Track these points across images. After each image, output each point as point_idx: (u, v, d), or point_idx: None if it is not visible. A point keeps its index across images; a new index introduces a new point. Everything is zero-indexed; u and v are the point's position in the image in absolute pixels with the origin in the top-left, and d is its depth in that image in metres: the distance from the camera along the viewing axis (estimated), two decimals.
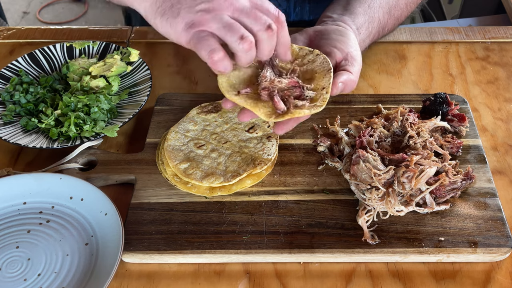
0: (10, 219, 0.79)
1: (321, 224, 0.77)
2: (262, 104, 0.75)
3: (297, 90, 0.76)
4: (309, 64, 0.80)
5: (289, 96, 0.76)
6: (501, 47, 1.12)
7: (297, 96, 0.76)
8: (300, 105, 0.75)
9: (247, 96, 0.76)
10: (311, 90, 0.77)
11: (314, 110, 0.74)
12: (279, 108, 0.74)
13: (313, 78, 0.79)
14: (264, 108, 0.75)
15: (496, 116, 0.97)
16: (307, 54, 0.81)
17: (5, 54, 1.12)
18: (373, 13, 0.95)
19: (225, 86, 0.77)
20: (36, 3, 3.45)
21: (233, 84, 0.78)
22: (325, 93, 0.76)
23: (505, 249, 0.74)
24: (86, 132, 0.88)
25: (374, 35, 0.98)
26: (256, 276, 0.74)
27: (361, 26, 0.93)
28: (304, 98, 0.77)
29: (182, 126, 0.88)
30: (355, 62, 0.83)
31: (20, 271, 0.73)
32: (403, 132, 0.84)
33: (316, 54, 0.80)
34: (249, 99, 0.76)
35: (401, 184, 0.76)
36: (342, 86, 0.79)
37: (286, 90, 0.76)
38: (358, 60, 0.84)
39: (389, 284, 0.73)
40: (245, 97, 0.76)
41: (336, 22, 0.91)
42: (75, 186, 0.81)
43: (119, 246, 0.72)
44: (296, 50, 0.82)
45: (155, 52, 1.12)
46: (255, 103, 0.75)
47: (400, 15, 1.03)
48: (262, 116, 0.74)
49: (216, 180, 0.79)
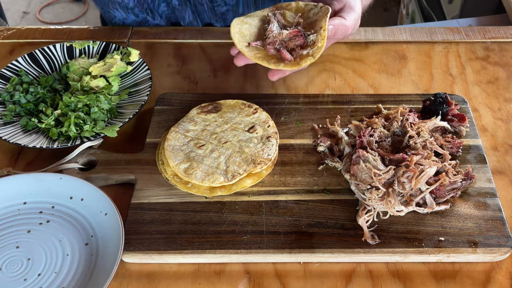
0: (10, 219, 0.79)
1: (321, 224, 0.77)
2: (269, 56, 0.85)
3: (299, 39, 0.85)
4: (313, 16, 0.90)
5: (296, 46, 0.85)
6: (501, 47, 1.12)
7: (300, 44, 0.86)
8: (304, 53, 0.84)
9: (257, 49, 0.87)
10: (313, 34, 0.86)
11: (317, 53, 0.83)
12: (286, 58, 0.84)
13: (315, 25, 0.88)
14: (271, 60, 0.85)
15: (496, 116, 0.97)
16: (312, 8, 0.91)
17: (5, 54, 1.12)
18: None
19: (237, 37, 0.87)
20: (36, 3, 3.45)
21: (244, 36, 0.88)
22: (323, 31, 0.84)
23: (505, 249, 0.74)
24: (86, 132, 0.88)
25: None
26: (256, 276, 0.74)
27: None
28: (308, 44, 0.86)
29: (182, 126, 0.88)
30: (352, 11, 0.90)
31: (20, 271, 0.73)
32: (403, 132, 0.84)
33: (320, 7, 0.90)
34: (258, 52, 0.86)
35: (401, 184, 0.76)
36: (333, 29, 0.87)
37: (289, 40, 0.85)
38: (355, 9, 0.91)
39: (389, 284, 0.73)
40: (254, 49, 0.87)
41: None
42: (75, 186, 0.81)
43: (119, 246, 0.72)
44: (302, 6, 0.92)
45: (155, 52, 1.12)
46: (263, 56, 0.85)
47: None
48: (270, 66, 0.84)
49: (216, 180, 0.79)
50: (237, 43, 0.86)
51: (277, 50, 0.85)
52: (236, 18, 0.92)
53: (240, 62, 0.88)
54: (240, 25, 0.91)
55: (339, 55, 1.10)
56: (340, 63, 1.08)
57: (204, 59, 1.10)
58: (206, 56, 1.11)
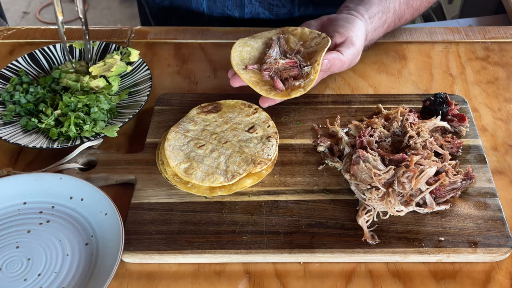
0: (10, 219, 0.79)
1: (321, 224, 0.77)
2: (263, 82, 0.87)
3: (294, 70, 0.86)
4: (315, 46, 0.91)
5: (290, 77, 0.86)
6: (501, 47, 1.12)
7: (294, 75, 0.86)
8: (297, 84, 0.85)
9: (253, 72, 0.88)
10: (308, 66, 0.87)
11: (308, 87, 0.84)
12: (278, 88, 0.85)
13: (314, 55, 0.89)
14: (264, 86, 0.86)
15: (496, 116, 0.97)
16: (316, 37, 0.92)
17: (5, 54, 1.12)
18: (388, 4, 1.00)
19: (236, 60, 0.89)
20: (36, 3, 3.44)
21: (243, 59, 0.90)
22: (317, 65, 0.85)
23: (505, 249, 0.74)
24: (86, 132, 0.88)
25: (390, 25, 1.03)
26: (256, 276, 0.74)
27: (374, 15, 0.98)
28: (302, 76, 0.86)
29: (182, 126, 0.88)
30: (351, 46, 0.91)
31: (20, 271, 0.73)
32: (403, 132, 0.84)
33: (323, 37, 0.91)
34: (254, 76, 0.87)
35: (401, 184, 0.76)
36: (328, 63, 0.88)
37: (284, 70, 0.86)
38: (355, 45, 0.92)
39: (389, 284, 0.73)
40: (251, 72, 0.88)
41: (349, 11, 0.97)
42: (75, 186, 0.81)
43: (119, 246, 0.72)
44: (307, 32, 0.93)
45: (155, 52, 1.12)
46: (257, 81, 0.86)
47: (419, 6, 1.07)
48: (262, 93, 0.85)
49: (216, 180, 0.79)
50: (234, 65, 0.88)
51: (271, 78, 0.86)
52: (240, 39, 0.93)
53: (235, 83, 0.90)
54: (242, 47, 0.92)
55: None
56: None
57: (204, 59, 1.10)
58: (206, 56, 1.11)
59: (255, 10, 1.23)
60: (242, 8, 1.22)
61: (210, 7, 1.24)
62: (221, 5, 1.23)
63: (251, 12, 1.23)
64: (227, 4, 1.22)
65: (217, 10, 1.24)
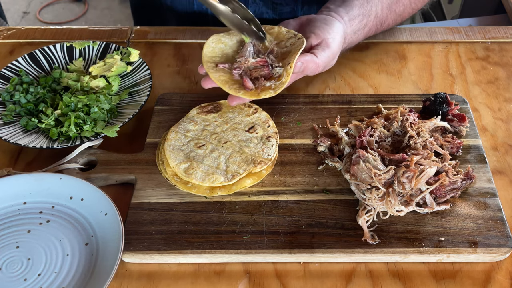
0: (10, 219, 0.79)
1: (321, 224, 0.77)
2: (233, 81, 0.83)
3: (265, 69, 0.83)
4: (289, 46, 0.87)
5: (261, 76, 0.83)
6: (501, 47, 1.12)
7: (265, 74, 0.83)
8: (268, 85, 0.82)
9: (223, 71, 0.85)
10: (280, 67, 0.84)
11: (279, 89, 0.81)
12: (247, 87, 0.82)
13: (287, 56, 0.86)
14: (233, 85, 0.82)
15: (496, 116, 0.97)
16: (291, 37, 0.88)
17: (5, 54, 1.12)
18: (370, 7, 0.98)
19: (207, 57, 0.86)
20: (36, 3, 3.44)
21: (215, 56, 0.87)
22: (289, 68, 0.82)
23: (505, 249, 0.74)
24: (86, 132, 0.88)
25: (371, 28, 1.01)
26: (256, 276, 0.74)
27: (355, 18, 0.96)
28: (273, 76, 0.83)
29: (182, 126, 0.88)
30: (327, 48, 0.88)
31: (20, 271, 0.73)
32: (403, 132, 0.84)
33: (298, 38, 0.87)
34: (223, 75, 0.84)
35: (401, 184, 0.76)
36: (301, 66, 0.84)
37: (254, 69, 0.84)
38: (331, 47, 0.88)
39: (389, 284, 0.73)
40: (221, 71, 0.84)
41: (329, 13, 0.95)
42: (75, 186, 0.81)
43: (119, 246, 0.72)
44: (283, 32, 0.90)
45: (155, 52, 1.12)
46: (227, 80, 0.83)
47: (402, 11, 1.05)
48: (229, 91, 0.82)
49: (216, 180, 0.79)
50: (204, 63, 0.85)
51: (241, 77, 0.83)
52: (215, 35, 0.90)
53: (207, 84, 0.86)
54: (216, 43, 0.89)
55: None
56: (340, 63, 1.08)
57: None
58: None
59: (259, 10, 1.23)
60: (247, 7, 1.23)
61: None
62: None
63: (255, 12, 1.23)
64: None
65: None
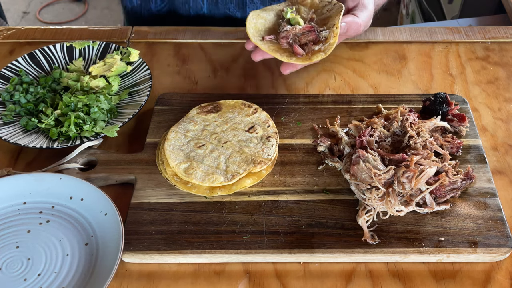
0: (10, 219, 0.79)
1: (321, 224, 0.77)
2: (282, 50, 0.87)
3: (312, 34, 0.87)
4: (327, 13, 0.92)
5: (309, 42, 0.87)
6: (501, 47, 1.12)
7: (313, 39, 0.87)
8: (316, 49, 0.86)
9: (271, 42, 0.89)
10: (326, 30, 0.88)
11: (329, 50, 0.85)
12: (298, 53, 0.86)
13: (328, 21, 0.90)
14: (284, 53, 0.87)
15: (496, 116, 0.97)
16: (326, 5, 0.93)
17: (5, 54, 1.12)
18: None
19: (252, 32, 0.90)
20: (36, 3, 3.44)
21: (259, 30, 0.91)
22: (335, 29, 0.86)
23: (505, 249, 0.74)
24: (86, 132, 0.88)
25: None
26: (256, 276, 0.74)
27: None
28: (320, 40, 0.88)
29: (182, 126, 0.88)
30: (364, 9, 0.93)
31: (20, 271, 0.73)
32: (403, 132, 0.84)
33: (334, 3, 0.92)
34: (272, 45, 0.88)
35: (401, 184, 0.76)
36: (345, 26, 0.89)
37: (302, 35, 0.87)
38: (367, 8, 0.93)
39: (389, 284, 0.73)
40: (268, 42, 0.89)
41: None
42: (75, 186, 0.81)
43: (119, 246, 0.72)
44: (317, 2, 0.94)
45: (155, 52, 1.12)
46: (276, 49, 0.87)
47: None
48: (283, 59, 0.86)
49: (216, 180, 0.79)
50: (251, 37, 0.89)
51: (289, 45, 0.87)
52: (253, 11, 0.94)
53: (257, 57, 0.91)
54: (256, 19, 0.93)
55: (339, 55, 1.10)
56: (340, 63, 1.08)
57: (204, 59, 1.10)
58: (206, 56, 1.11)
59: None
60: (244, 9, 1.22)
61: (211, 10, 1.24)
62: (223, 7, 1.23)
63: None
64: (228, 6, 1.22)
65: (219, 12, 1.24)
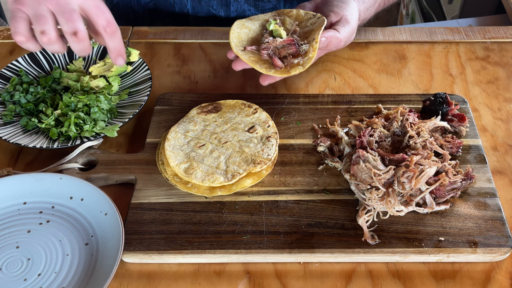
0: (10, 219, 0.79)
1: (321, 224, 0.77)
2: (263, 61, 0.88)
3: (292, 47, 0.88)
4: (310, 26, 0.92)
5: (289, 55, 0.88)
6: (501, 47, 1.12)
7: (293, 52, 0.88)
8: (295, 62, 0.87)
9: (252, 53, 0.89)
10: (306, 44, 0.88)
11: (307, 64, 0.86)
12: (277, 65, 0.86)
13: (310, 35, 0.91)
14: (263, 65, 0.87)
15: (496, 116, 0.97)
16: (311, 18, 0.93)
17: (5, 54, 1.12)
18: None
19: (235, 42, 0.90)
20: None
21: (242, 40, 0.92)
22: (315, 43, 0.87)
23: (505, 249, 0.74)
24: (86, 132, 0.88)
25: (380, 4, 1.07)
26: (256, 276, 0.74)
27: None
28: (300, 53, 0.88)
29: (182, 126, 0.88)
30: (347, 24, 0.93)
31: (20, 271, 0.73)
32: (403, 132, 0.84)
33: (318, 17, 0.92)
34: (252, 56, 0.88)
35: (401, 184, 0.76)
36: (325, 41, 0.89)
37: (282, 48, 0.88)
38: (350, 23, 0.93)
39: (389, 284, 0.73)
40: (249, 53, 0.89)
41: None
42: (75, 186, 0.81)
43: (119, 246, 0.72)
44: (302, 14, 0.95)
45: (155, 52, 1.12)
46: (256, 60, 0.88)
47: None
48: (261, 70, 0.86)
49: (216, 180, 0.79)
50: (233, 47, 0.89)
51: (270, 57, 0.88)
52: (238, 20, 0.95)
53: (237, 66, 0.92)
54: (240, 29, 0.93)
55: (339, 55, 1.10)
56: (340, 63, 1.08)
57: (204, 59, 1.10)
58: (206, 56, 1.11)
59: (241, 8, 1.23)
60: (228, 6, 1.23)
61: (195, 8, 1.24)
62: (206, 5, 1.23)
63: (236, 10, 1.24)
64: (212, 3, 1.23)
65: (202, 10, 1.24)
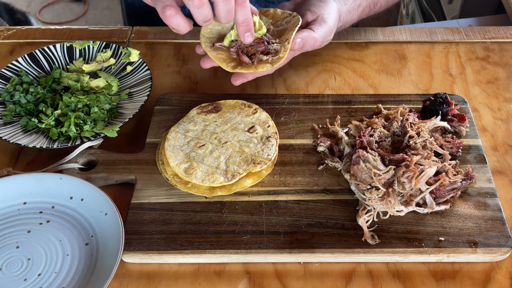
0: (10, 219, 0.79)
1: (321, 224, 0.77)
2: (231, 59, 0.86)
3: (261, 46, 0.86)
4: (285, 24, 0.90)
5: (257, 52, 0.86)
6: (501, 47, 1.12)
7: (262, 50, 0.86)
8: (264, 59, 0.85)
9: (221, 50, 0.88)
10: (277, 43, 0.87)
11: (276, 63, 0.84)
12: (244, 61, 0.85)
13: (284, 33, 0.89)
14: (231, 63, 0.86)
15: (496, 116, 0.97)
16: (287, 17, 0.91)
17: (5, 54, 1.12)
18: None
19: (204, 38, 0.89)
20: (36, 3, 3.44)
21: (212, 37, 0.90)
22: (287, 44, 0.85)
23: (505, 249, 0.74)
24: (86, 132, 0.88)
25: (364, 9, 1.04)
26: (256, 276, 0.74)
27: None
28: (270, 52, 0.86)
29: (182, 126, 0.88)
30: (323, 23, 0.90)
31: (20, 271, 0.73)
32: (403, 132, 0.84)
33: (293, 16, 0.90)
34: (221, 53, 0.87)
35: (401, 184, 0.76)
36: (300, 42, 0.87)
37: (249, 46, 0.86)
38: (327, 22, 0.91)
39: (389, 284, 0.73)
40: (218, 49, 0.87)
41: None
42: (75, 186, 0.81)
43: (119, 246, 0.72)
44: (279, 13, 0.93)
45: (155, 52, 1.12)
46: (224, 58, 0.86)
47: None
48: (227, 69, 0.85)
49: (216, 180, 0.79)
50: (202, 43, 0.88)
51: (238, 54, 0.87)
52: None
53: (206, 64, 0.90)
54: (213, 25, 0.92)
55: (339, 55, 1.10)
56: (340, 63, 1.08)
57: None
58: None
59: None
60: None
61: None
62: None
63: None
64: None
65: None
